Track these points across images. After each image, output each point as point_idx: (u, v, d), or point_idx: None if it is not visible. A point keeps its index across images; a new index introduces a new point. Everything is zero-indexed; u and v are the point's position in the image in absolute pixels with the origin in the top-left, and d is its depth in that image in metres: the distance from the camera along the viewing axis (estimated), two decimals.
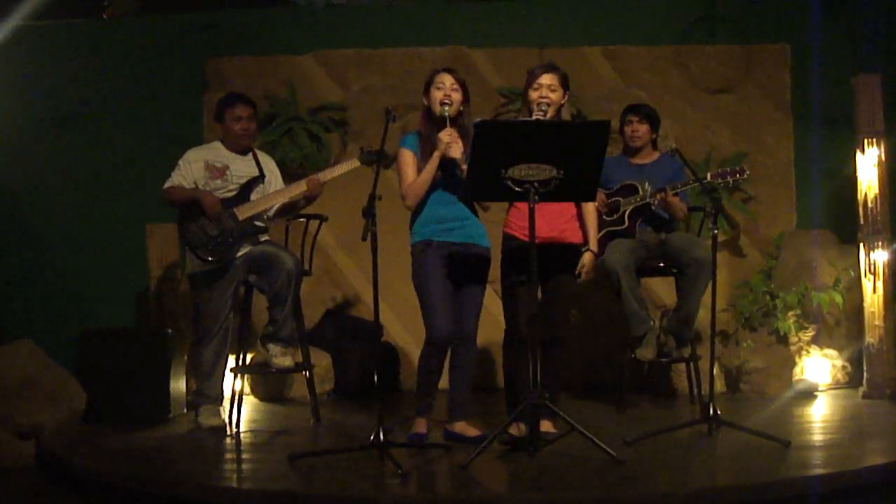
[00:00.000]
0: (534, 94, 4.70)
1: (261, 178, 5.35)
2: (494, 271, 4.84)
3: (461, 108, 4.73)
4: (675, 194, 5.43)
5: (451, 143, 4.58)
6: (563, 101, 4.74)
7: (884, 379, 5.87)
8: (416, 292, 4.71)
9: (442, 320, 4.62)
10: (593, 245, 4.83)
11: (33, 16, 6.94)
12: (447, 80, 4.68)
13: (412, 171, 4.72)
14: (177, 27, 7.09)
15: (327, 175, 5.29)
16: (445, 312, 4.63)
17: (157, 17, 7.31)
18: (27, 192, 7.03)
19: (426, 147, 4.71)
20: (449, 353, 4.75)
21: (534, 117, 4.62)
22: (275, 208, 5.39)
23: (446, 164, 4.65)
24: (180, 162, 5.29)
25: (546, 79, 4.70)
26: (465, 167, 4.57)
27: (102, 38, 7.13)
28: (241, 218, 5.20)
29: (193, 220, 5.17)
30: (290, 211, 5.45)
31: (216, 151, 5.36)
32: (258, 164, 5.38)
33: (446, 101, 4.65)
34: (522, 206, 4.69)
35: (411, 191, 4.70)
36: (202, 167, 5.26)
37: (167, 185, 5.25)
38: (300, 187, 5.26)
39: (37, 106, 6.99)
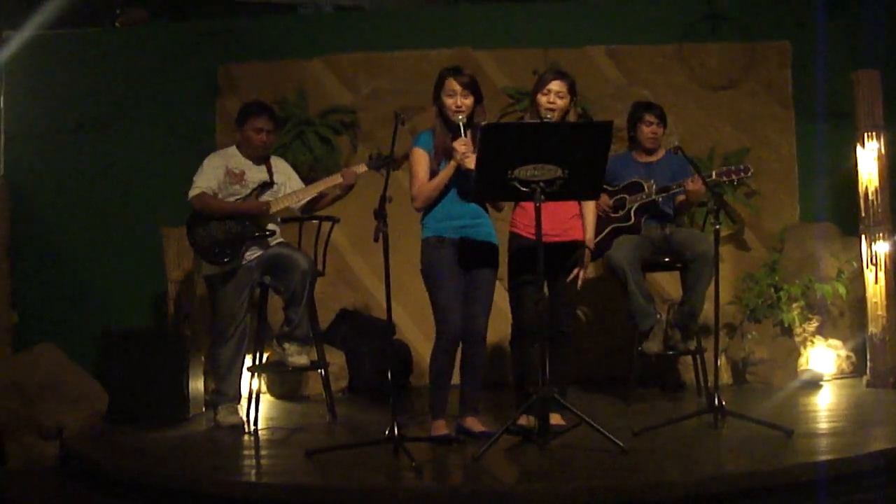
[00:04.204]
0: (542, 99, 4.78)
1: (270, 184, 5.41)
2: (502, 269, 4.91)
3: (474, 110, 4.67)
4: (705, 182, 5.20)
5: (467, 154, 4.51)
6: (569, 107, 4.83)
7: (887, 368, 5.93)
8: (427, 287, 4.67)
9: (454, 317, 4.58)
10: (590, 242, 4.91)
11: (47, 25, 7.02)
12: (456, 86, 4.61)
13: (424, 172, 4.67)
14: (188, 35, 7.19)
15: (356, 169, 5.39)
16: (457, 309, 4.60)
17: (169, 25, 7.42)
18: (45, 198, 7.12)
19: (439, 146, 4.68)
20: (459, 351, 4.72)
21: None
22: (303, 202, 5.45)
23: (461, 169, 4.60)
24: (205, 166, 5.34)
25: (556, 85, 4.78)
26: None
27: (115, 47, 7.22)
28: (247, 221, 5.31)
29: (202, 224, 5.27)
30: (316, 205, 5.50)
31: (234, 157, 5.43)
32: (270, 171, 5.45)
33: (459, 108, 4.61)
34: (527, 206, 4.68)
35: (421, 194, 4.67)
36: (223, 172, 5.34)
37: (196, 191, 5.27)
38: (335, 180, 5.35)
39: (53, 113, 7.09)
